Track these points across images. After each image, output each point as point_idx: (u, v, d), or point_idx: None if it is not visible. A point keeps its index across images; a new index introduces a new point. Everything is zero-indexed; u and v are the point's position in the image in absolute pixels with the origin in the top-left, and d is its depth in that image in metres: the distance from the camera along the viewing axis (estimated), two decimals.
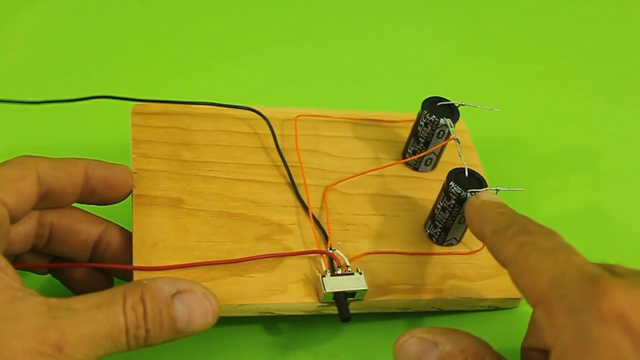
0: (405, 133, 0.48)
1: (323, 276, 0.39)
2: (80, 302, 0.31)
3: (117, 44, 0.55)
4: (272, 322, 0.41)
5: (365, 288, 0.39)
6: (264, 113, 0.47)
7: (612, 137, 0.55)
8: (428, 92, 0.45)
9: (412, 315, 0.42)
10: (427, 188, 0.46)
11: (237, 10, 0.59)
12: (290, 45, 0.58)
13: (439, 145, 0.45)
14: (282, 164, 0.45)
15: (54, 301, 0.30)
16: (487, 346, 0.33)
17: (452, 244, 0.43)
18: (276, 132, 0.46)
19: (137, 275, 0.38)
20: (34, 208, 0.37)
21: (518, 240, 0.32)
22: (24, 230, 0.38)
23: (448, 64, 0.58)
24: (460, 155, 0.42)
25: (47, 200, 0.37)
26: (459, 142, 0.43)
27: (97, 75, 0.51)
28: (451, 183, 0.41)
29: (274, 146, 0.45)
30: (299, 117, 0.47)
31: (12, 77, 0.51)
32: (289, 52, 0.57)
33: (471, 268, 0.43)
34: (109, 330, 0.31)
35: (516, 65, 0.59)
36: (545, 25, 0.63)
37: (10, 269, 0.31)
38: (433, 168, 0.47)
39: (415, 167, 0.47)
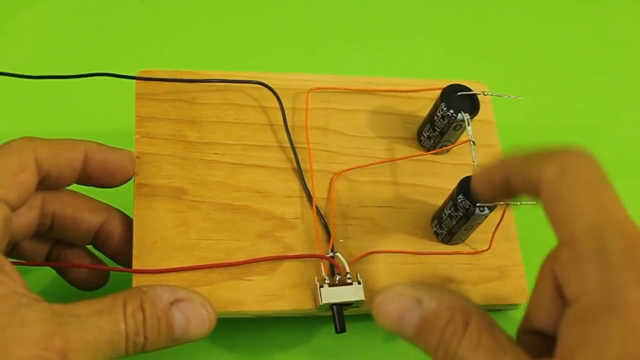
0: (425, 105, 0.45)
1: (321, 286, 0.39)
2: (82, 308, 0.32)
3: (117, 44, 0.53)
4: (271, 322, 0.41)
5: (363, 299, 0.39)
6: (275, 81, 0.44)
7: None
8: None
9: None
10: (440, 173, 0.45)
11: (238, 10, 0.56)
12: (292, 46, 0.55)
13: (453, 146, 0.43)
14: (290, 145, 0.43)
15: (57, 307, 0.31)
16: (472, 304, 0.31)
17: (457, 244, 0.43)
18: (287, 105, 0.44)
19: (135, 278, 0.38)
20: None
21: (560, 160, 0.29)
22: (26, 221, 0.38)
23: (452, 59, 0.56)
24: (473, 161, 0.40)
25: (43, 184, 0.37)
26: (474, 144, 0.41)
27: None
28: (460, 196, 0.39)
29: (283, 123, 0.43)
30: (311, 91, 0.45)
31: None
32: (290, 53, 0.54)
33: (474, 270, 0.42)
34: (110, 337, 0.32)
35: (520, 62, 0.57)
36: (552, 20, 0.59)
37: (15, 274, 0.32)
38: (448, 151, 0.45)
39: (429, 149, 0.45)
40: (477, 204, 0.39)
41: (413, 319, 0.31)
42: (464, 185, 0.39)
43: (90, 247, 0.41)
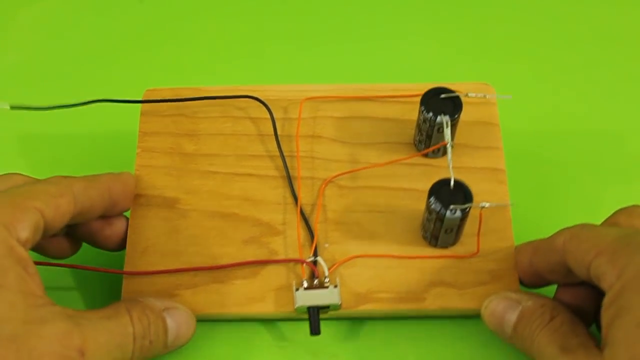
0: None
1: (297, 289, 0.40)
2: (91, 313, 0.35)
3: (117, 44, 0.54)
4: (271, 322, 0.42)
5: (338, 303, 0.40)
6: (272, 92, 0.46)
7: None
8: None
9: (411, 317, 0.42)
10: (434, 176, 0.43)
11: (237, 11, 0.56)
12: (292, 46, 0.55)
13: (431, 149, 0.43)
14: (284, 154, 0.44)
15: (69, 311, 0.33)
16: (563, 306, 0.37)
17: (445, 247, 0.42)
18: (283, 115, 0.46)
19: (126, 280, 0.41)
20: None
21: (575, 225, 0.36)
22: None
23: (455, 61, 0.54)
24: (449, 164, 0.39)
25: (78, 217, 0.38)
26: (451, 148, 0.40)
27: (97, 76, 0.52)
28: (431, 199, 0.39)
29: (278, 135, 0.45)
30: (306, 100, 0.46)
31: (11, 77, 0.52)
32: (291, 53, 0.54)
33: (463, 273, 0.41)
34: (119, 340, 0.34)
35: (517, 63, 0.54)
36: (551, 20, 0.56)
37: (37, 276, 0.34)
38: (444, 154, 0.44)
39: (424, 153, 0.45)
40: (451, 206, 0.38)
41: (513, 317, 0.37)
42: (435, 188, 0.39)
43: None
